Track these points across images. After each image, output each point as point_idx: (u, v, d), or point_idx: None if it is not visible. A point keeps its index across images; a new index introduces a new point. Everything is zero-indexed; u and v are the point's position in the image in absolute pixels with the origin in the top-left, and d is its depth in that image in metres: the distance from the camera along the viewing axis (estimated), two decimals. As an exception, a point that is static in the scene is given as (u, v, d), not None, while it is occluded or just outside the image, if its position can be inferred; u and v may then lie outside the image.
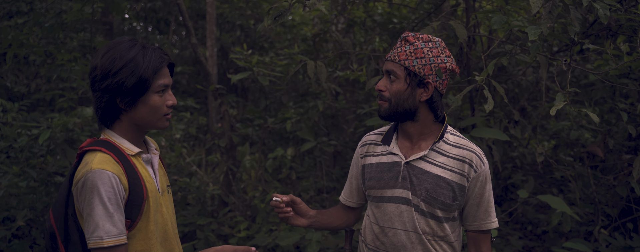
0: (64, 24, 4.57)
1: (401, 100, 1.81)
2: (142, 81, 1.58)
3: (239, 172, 4.63)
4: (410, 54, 1.79)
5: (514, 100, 4.46)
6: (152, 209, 1.65)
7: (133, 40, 1.65)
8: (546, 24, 2.24)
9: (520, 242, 4.12)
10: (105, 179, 1.52)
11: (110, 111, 1.64)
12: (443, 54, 1.82)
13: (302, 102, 5.04)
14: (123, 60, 1.57)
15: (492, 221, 1.87)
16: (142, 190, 1.61)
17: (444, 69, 1.81)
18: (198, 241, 4.14)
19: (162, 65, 1.63)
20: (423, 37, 1.82)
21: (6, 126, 4.63)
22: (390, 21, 5.21)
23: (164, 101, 1.66)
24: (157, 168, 1.76)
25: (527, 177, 4.38)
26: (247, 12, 8.73)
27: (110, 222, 1.51)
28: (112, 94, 1.60)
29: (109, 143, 1.63)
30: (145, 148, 1.77)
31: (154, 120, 1.67)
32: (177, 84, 9.69)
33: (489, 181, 1.84)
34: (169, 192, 1.81)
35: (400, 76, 1.80)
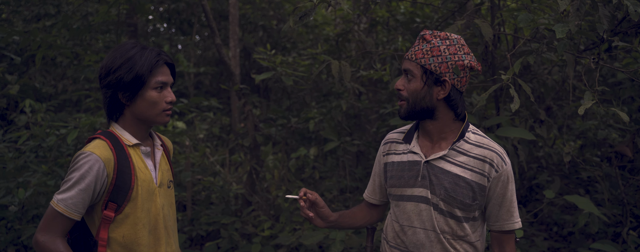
0: (91, 26, 4.65)
1: (418, 99, 1.81)
2: (138, 77, 1.75)
3: (263, 171, 4.65)
4: (427, 52, 1.79)
5: (539, 100, 4.41)
6: (142, 198, 1.79)
7: (136, 42, 1.83)
8: (574, 21, 2.22)
9: (545, 244, 4.07)
10: (91, 161, 1.70)
11: (115, 106, 1.82)
12: (461, 52, 1.80)
13: (325, 102, 5.04)
14: (122, 59, 1.77)
15: (514, 221, 1.84)
16: (131, 178, 1.77)
17: (462, 66, 1.79)
18: (222, 240, 4.18)
19: (158, 63, 1.79)
20: (441, 35, 1.81)
21: (35, 126, 4.72)
22: (413, 20, 5.19)
23: (163, 97, 1.82)
24: (159, 162, 1.91)
25: (553, 178, 4.33)
26: (269, 13, 8.77)
27: (70, 193, 1.69)
28: (114, 89, 1.78)
29: (110, 133, 1.81)
30: (151, 142, 1.93)
31: (154, 115, 1.82)
32: (200, 84, 9.77)
33: (511, 181, 1.82)
34: (170, 187, 1.95)
35: (417, 75, 1.80)
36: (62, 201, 1.68)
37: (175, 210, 1.98)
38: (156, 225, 1.84)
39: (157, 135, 2.00)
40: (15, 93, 4.98)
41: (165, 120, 1.86)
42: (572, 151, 3.52)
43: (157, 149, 1.92)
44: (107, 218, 1.75)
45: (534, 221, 4.61)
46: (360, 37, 4.76)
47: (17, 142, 5.00)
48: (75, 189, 1.68)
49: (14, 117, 5.37)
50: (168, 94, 1.83)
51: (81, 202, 1.69)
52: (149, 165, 1.86)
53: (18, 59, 6.03)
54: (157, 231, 1.85)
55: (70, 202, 1.68)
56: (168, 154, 2.01)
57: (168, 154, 2.01)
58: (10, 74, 5.71)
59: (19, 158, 4.49)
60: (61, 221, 1.69)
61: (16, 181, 4.18)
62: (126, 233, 1.77)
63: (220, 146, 6.81)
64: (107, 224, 1.76)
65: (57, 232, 1.70)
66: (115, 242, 1.77)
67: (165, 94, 1.82)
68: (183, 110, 5.23)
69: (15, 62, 6.43)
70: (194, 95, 8.78)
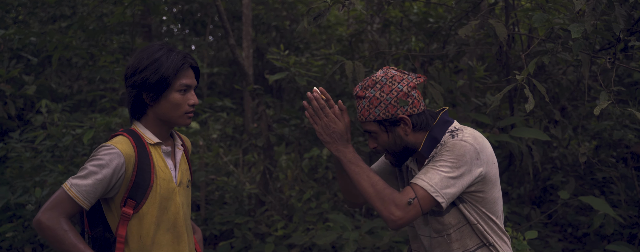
0: (106, 27, 4.69)
1: (394, 146, 1.85)
2: (164, 79, 1.79)
3: (276, 171, 4.67)
4: (369, 107, 1.80)
5: (554, 100, 4.39)
6: (161, 196, 1.82)
7: (163, 44, 1.86)
8: (589, 21, 2.20)
9: (560, 245, 4.04)
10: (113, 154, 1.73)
11: (138, 105, 1.85)
12: (394, 84, 1.80)
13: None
14: (149, 60, 1.80)
15: (424, 179, 1.72)
16: (150, 176, 1.80)
17: (405, 95, 1.79)
18: (235, 239, 4.20)
19: (184, 66, 1.83)
20: (368, 84, 1.82)
21: (52, 126, 4.78)
22: (427, 21, 5.18)
23: (186, 100, 1.85)
24: (179, 161, 1.93)
25: (568, 178, 4.30)
26: (282, 14, 8.79)
27: (85, 181, 1.71)
28: (139, 89, 1.81)
29: (133, 131, 1.85)
30: (172, 142, 1.95)
31: (176, 117, 1.85)
32: (213, 84, 9.81)
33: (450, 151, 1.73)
34: (189, 186, 1.98)
35: (377, 130, 1.83)
36: (75, 186, 1.70)
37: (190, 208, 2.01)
38: (176, 223, 1.87)
39: (178, 134, 2.04)
40: (32, 93, 5.04)
41: (186, 123, 1.89)
42: (587, 152, 3.50)
43: (178, 148, 1.95)
44: (125, 215, 1.77)
45: (549, 222, 4.58)
46: (374, 38, 4.76)
47: (33, 141, 5.06)
48: (92, 178, 1.70)
49: (30, 117, 5.44)
50: (191, 97, 1.86)
51: (93, 191, 1.71)
52: (169, 164, 1.89)
53: (35, 60, 6.10)
54: (178, 229, 1.88)
55: (83, 189, 1.70)
56: (187, 153, 2.04)
57: (187, 153, 2.04)
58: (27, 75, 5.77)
59: (35, 158, 4.55)
60: (69, 205, 1.70)
61: (33, 180, 4.23)
62: (144, 230, 1.80)
63: (233, 146, 6.85)
64: (125, 221, 1.78)
65: (62, 213, 1.70)
66: (133, 239, 1.79)
67: (188, 97, 1.85)
68: (197, 110, 5.27)
69: (32, 63, 6.50)
70: (207, 96, 8.83)
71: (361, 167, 1.79)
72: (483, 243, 1.85)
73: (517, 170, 4.63)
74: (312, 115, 1.85)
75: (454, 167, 1.72)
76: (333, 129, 1.82)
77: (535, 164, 3.66)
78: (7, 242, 4.29)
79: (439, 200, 1.70)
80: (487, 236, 1.85)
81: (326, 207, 4.14)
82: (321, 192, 4.48)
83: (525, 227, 3.84)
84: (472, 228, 1.85)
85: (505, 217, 3.93)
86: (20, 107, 5.67)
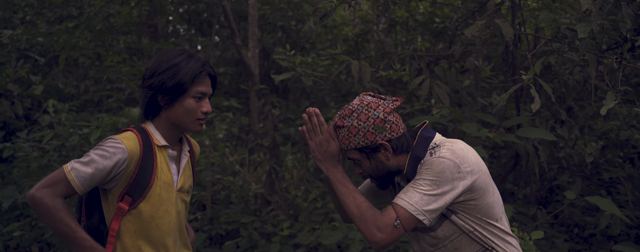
0: (113, 27, 4.71)
1: (379, 172, 1.88)
2: (180, 84, 1.81)
3: (282, 171, 4.68)
4: (349, 136, 1.83)
5: (560, 100, 4.38)
6: (159, 198, 1.83)
7: (183, 50, 1.88)
8: (596, 20, 2.20)
9: (566, 245, 4.03)
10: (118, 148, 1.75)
11: (152, 107, 1.87)
12: (370, 112, 1.81)
13: (344, 102, 5.05)
14: (168, 64, 1.82)
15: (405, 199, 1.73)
16: (151, 176, 1.82)
17: (382, 121, 1.80)
18: (241, 239, 4.21)
19: (202, 74, 1.85)
20: (345, 113, 1.83)
21: (59, 126, 4.80)
22: (433, 20, 5.18)
23: (199, 107, 1.87)
24: (183, 167, 1.95)
25: (574, 179, 4.29)
26: (288, 14, 8.80)
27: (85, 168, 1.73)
28: (155, 92, 1.84)
29: (143, 129, 1.87)
30: (179, 147, 1.97)
31: (188, 123, 1.87)
32: (219, 85, 9.83)
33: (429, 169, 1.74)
34: (189, 192, 2.00)
35: (358, 157, 1.86)
36: (75, 169, 1.72)
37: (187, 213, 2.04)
38: (173, 227, 1.89)
39: (188, 139, 2.06)
40: (39, 93, 5.06)
41: (197, 129, 1.91)
42: (594, 152, 3.49)
43: (185, 154, 1.97)
44: (120, 210, 1.80)
45: (555, 222, 4.57)
46: (379, 37, 4.76)
47: (41, 141, 5.08)
48: (92, 167, 1.73)
49: (37, 117, 5.47)
50: (205, 105, 1.88)
51: (90, 179, 1.73)
52: (172, 168, 1.91)
53: (42, 60, 6.13)
54: (174, 233, 1.90)
55: (82, 175, 1.72)
56: (193, 159, 2.05)
57: (193, 159, 2.05)
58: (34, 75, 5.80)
59: (43, 157, 4.57)
60: (65, 186, 1.72)
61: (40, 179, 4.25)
62: (138, 229, 1.82)
63: (239, 145, 6.86)
64: (120, 216, 1.80)
65: (58, 193, 1.72)
66: (126, 235, 1.82)
67: (202, 104, 1.87)
68: (203, 110, 5.27)
69: (39, 63, 6.53)
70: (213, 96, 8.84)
71: (348, 188, 1.84)
72: (485, 248, 1.85)
73: (523, 170, 4.62)
74: (308, 131, 1.88)
75: (434, 185, 1.72)
76: (326, 148, 1.86)
77: (541, 164, 3.65)
78: (15, 242, 4.31)
79: (421, 218, 1.72)
80: (486, 241, 1.84)
81: (332, 207, 4.15)
82: (327, 192, 4.48)
83: (532, 227, 3.83)
84: (469, 236, 1.85)
85: (511, 217, 3.92)
86: (27, 107, 5.70)
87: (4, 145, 4.76)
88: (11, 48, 6.18)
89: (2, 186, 4.84)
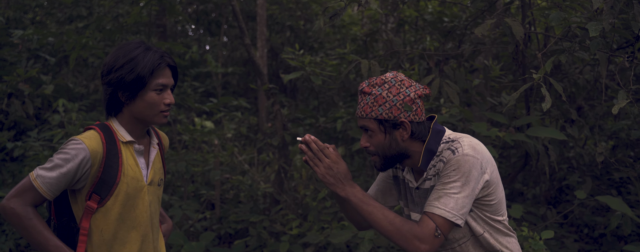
0: (123, 27, 4.74)
1: (388, 149, 1.81)
2: (139, 78, 1.77)
3: (291, 170, 4.68)
4: (373, 104, 1.78)
5: (570, 100, 4.35)
6: (127, 194, 1.82)
7: (140, 42, 1.84)
8: (608, 19, 2.19)
9: (576, 245, 4.01)
10: (78, 150, 1.73)
11: (114, 103, 1.84)
12: (403, 88, 1.79)
13: (352, 102, 5.05)
14: (125, 59, 1.78)
15: (439, 206, 1.71)
16: (117, 173, 1.79)
17: (411, 101, 1.78)
18: (250, 238, 4.22)
19: (161, 66, 1.81)
20: (377, 82, 1.80)
21: (69, 125, 4.83)
22: (441, 20, 5.16)
23: (162, 99, 1.83)
24: (152, 160, 1.92)
25: (584, 178, 4.26)
26: (296, 13, 8.81)
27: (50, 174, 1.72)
28: (115, 88, 1.80)
29: (107, 127, 1.84)
30: (147, 140, 1.94)
31: (151, 116, 1.84)
32: (228, 84, 9.86)
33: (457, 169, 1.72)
34: (160, 185, 1.97)
35: (375, 128, 1.80)
36: (40, 177, 1.72)
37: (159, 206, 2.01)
38: (142, 222, 1.87)
39: (156, 132, 2.03)
40: (50, 93, 5.10)
41: (162, 121, 1.88)
42: (604, 152, 3.47)
43: (153, 147, 1.95)
44: (89, 209, 1.78)
45: (565, 222, 4.55)
46: (388, 37, 4.76)
47: (51, 140, 5.11)
48: (56, 172, 1.71)
49: (47, 116, 5.50)
50: (167, 96, 1.85)
51: (56, 184, 1.72)
52: (140, 163, 1.88)
53: (52, 59, 6.17)
54: (143, 228, 1.88)
55: (47, 181, 1.71)
56: (163, 151, 2.03)
57: (163, 151, 2.03)
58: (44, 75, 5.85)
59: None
60: (33, 194, 1.72)
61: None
62: (107, 225, 1.81)
63: (248, 145, 6.88)
64: (89, 215, 1.79)
65: (28, 202, 1.73)
66: (95, 233, 1.80)
67: (164, 96, 1.84)
68: (212, 109, 5.30)
69: (50, 63, 6.58)
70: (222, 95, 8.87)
71: (374, 206, 1.77)
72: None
73: (533, 170, 4.60)
74: (312, 159, 1.81)
75: (465, 186, 1.70)
76: (337, 170, 1.79)
77: (551, 164, 3.64)
78: (25, 240, 4.34)
79: (459, 222, 1.71)
80: (493, 244, 1.85)
81: (341, 207, 4.15)
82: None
83: (541, 227, 3.82)
84: (476, 239, 1.85)
85: (521, 217, 3.91)
86: (38, 106, 5.73)
87: (14, 144, 4.79)
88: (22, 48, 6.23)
89: (12, 185, 4.88)
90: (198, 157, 5.34)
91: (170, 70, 1.88)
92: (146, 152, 1.93)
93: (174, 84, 1.91)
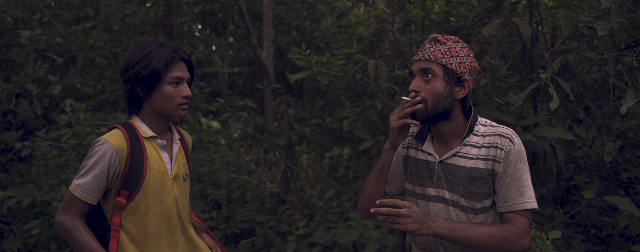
0: (129, 27, 4.75)
1: (440, 99, 1.78)
2: (155, 72, 1.83)
3: (297, 170, 4.69)
4: (445, 53, 1.78)
5: (577, 99, 4.34)
6: (154, 188, 1.86)
7: (154, 40, 1.91)
8: (616, 18, 2.18)
9: (583, 246, 3.99)
10: (104, 148, 1.79)
11: (134, 100, 1.91)
12: (471, 54, 1.84)
13: (358, 102, 5.05)
14: (140, 55, 1.85)
15: (526, 201, 1.75)
16: (143, 168, 1.85)
17: (474, 68, 1.83)
18: (257, 238, 4.22)
19: (174, 59, 1.87)
20: (452, 38, 1.82)
21: (77, 125, 4.85)
22: (448, 20, 5.16)
23: (178, 92, 1.89)
24: (175, 155, 1.97)
25: (592, 178, 4.25)
26: (302, 13, 8.81)
27: (85, 179, 1.79)
28: (133, 84, 1.87)
29: (129, 124, 1.90)
30: (169, 136, 2.00)
31: (170, 109, 1.89)
32: (234, 84, 9.87)
33: (521, 161, 1.76)
34: (186, 180, 2.02)
35: (439, 74, 1.78)
36: (79, 186, 1.79)
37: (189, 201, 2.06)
38: (170, 215, 1.91)
39: (178, 129, 2.08)
40: (57, 93, 5.12)
41: (181, 114, 1.92)
42: (612, 151, 3.46)
43: (175, 142, 2.00)
44: (119, 205, 1.83)
45: (572, 223, 4.53)
46: (395, 37, 4.75)
47: (58, 140, 5.14)
48: (90, 175, 1.78)
49: (55, 116, 5.53)
50: (184, 89, 1.91)
51: (96, 187, 1.79)
52: (164, 157, 1.93)
53: (60, 60, 6.20)
54: (171, 221, 1.92)
55: (86, 188, 1.78)
56: (186, 148, 2.08)
57: (186, 148, 2.08)
58: (52, 75, 5.88)
59: (60, 156, 4.62)
60: (78, 204, 1.80)
61: (58, 178, 4.30)
62: (137, 221, 1.85)
63: (254, 145, 6.89)
64: (119, 211, 1.84)
65: (76, 214, 1.81)
66: (126, 228, 1.85)
67: (181, 89, 1.90)
68: (218, 109, 5.31)
69: (57, 63, 6.61)
70: (228, 95, 8.89)
71: (466, 229, 1.73)
72: None
73: (540, 170, 4.58)
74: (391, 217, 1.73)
75: (528, 172, 1.78)
76: (415, 215, 1.72)
77: (558, 164, 3.62)
78: (33, 239, 4.37)
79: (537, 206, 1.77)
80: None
81: (347, 206, 4.15)
82: (342, 191, 4.49)
83: (548, 227, 3.80)
84: None
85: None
86: (45, 106, 5.77)
87: (22, 144, 4.82)
88: (30, 48, 6.27)
89: (20, 185, 4.90)
90: (205, 157, 5.35)
91: (186, 65, 1.93)
92: (169, 147, 1.98)
93: (191, 78, 1.97)
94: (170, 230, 1.91)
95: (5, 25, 5.96)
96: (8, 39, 5.96)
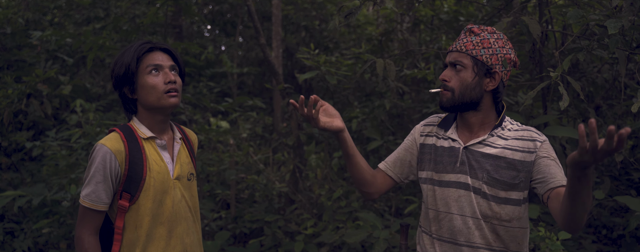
0: (139, 28, 4.78)
1: (467, 90, 1.80)
2: (127, 67, 1.83)
3: (306, 170, 4.68)
4: (477, 44, 1.80)
5: (588, 99, 4.30)
6: (156, 189, 1.84)
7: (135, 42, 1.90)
8: (627, 17, 2.16)
9: (594, 247, 3.96)
10: (101, 153, 1.78)
11: (127, 102, 1.90)
12: (507, 46, 1.83)
13: (367, 101, 5.04)
14: (116, 58, 1.88)
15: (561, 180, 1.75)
16: (143, 169, 1.82)
17: (509, 60, 1.82)
18: (265, 237, 4.23)
19: (143, 49, 1.85)
20: (488, 29, 1.83)
21: (87, 125, 4.88)
22: (457, 19, 5.14)
23: (161, 80, 1.84)
24: (177, 154, 1.94)
25: (603, 178, 4.21)
26: (311, 13, 8.82)
27: (90, 188, 1.78)
28: (120, 87, 1.87)
29: (127, 126, 1.89)
30: (171, 135, 1.96)
31: (157, 100, 1.84)
32: (243, 84, 9.89)
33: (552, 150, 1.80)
34: (190, 179, 1.98)
35: (468, 65, 1.80)
36: (86, 196, 1.79)
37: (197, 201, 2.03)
38: (171, 217, 1.89)
39: (180, 128, 2.05)
40: (67, 93, 5.15)
41: (170, 102, 1.85)
42: (623, 151, 3.42)
43: (176, 142, 1.96)
44: (122, 208, 1.82)
45: (583, 223, 4.49)
46: (404, 36, 4.74)
47: (69, 140, 5.17)
48: (94, 182, 1.78)
49: (65, 116, 5.57)
50: (167, 76, 1.85)
51: (103, 193, 1.78)
52: (165, 158, 1.90)
53: (70, 60, 6.24)
54: (173, 223, 1.89)
55: (93, 196, 1.78)
56: (191, 147, 2.04)
57: (191, 147, 2.04)
58: (62, 75, 5.92)
59: (71, 156, 4.65)
60: (91, 214, 1.80)
61: (68, 177, 4.33)
62: (139, 222, 1.84)
63: (263, 145, 6.89)
64: (122, 213, 1.83)
65: (90, 227, 1.81)
66: (130, 230, 1.84)
67: (163, 77, 1.84)
68: (227, 109, 5.32)
69: (68, 64, 6.65)
70: (237, 95, 8.91)
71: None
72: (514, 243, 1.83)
73: (550, 170, 4.55)
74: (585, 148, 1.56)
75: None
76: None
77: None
78: (44, 238, 4.40)
79: None
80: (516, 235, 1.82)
81: (356, 206, 4.14)
82: (351, 191, 4.48)
83: (558, 227, 3.78)
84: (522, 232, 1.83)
85: (538, 217, 3.87)
86: (56, 106, 5.81)
87: (33, 144, 4.85)
88: (41, 49, 6.31)
89: (31, 184, 4.94)
90: (213, 157, 5.36)
91: (166, 54, 1.89)
92: (170, 147, 1.94)
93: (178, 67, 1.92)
94: (169, 232, 1.89)
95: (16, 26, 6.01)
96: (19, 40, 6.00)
